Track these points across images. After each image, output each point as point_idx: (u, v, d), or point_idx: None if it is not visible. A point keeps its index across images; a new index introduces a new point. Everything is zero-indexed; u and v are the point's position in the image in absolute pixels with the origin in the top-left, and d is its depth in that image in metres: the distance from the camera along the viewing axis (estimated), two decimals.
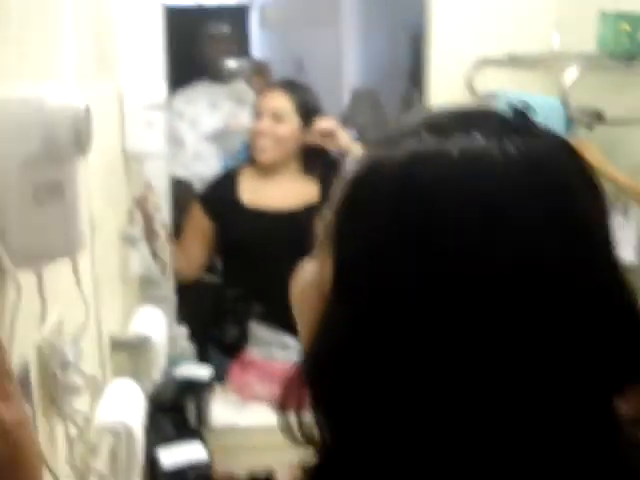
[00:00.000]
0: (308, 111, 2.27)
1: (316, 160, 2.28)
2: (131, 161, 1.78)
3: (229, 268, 2.36)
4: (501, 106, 2.07)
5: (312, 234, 2.23)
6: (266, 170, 2.28)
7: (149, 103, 1.71)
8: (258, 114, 2.27)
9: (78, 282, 0.94)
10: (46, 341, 0.96)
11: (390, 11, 5.39)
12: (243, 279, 2.27)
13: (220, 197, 2.31)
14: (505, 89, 2.82)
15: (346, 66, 6.62)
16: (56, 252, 0.87)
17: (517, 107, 0.64)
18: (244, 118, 2.76)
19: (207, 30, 2.88)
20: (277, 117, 2.23)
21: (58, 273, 1.01)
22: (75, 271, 0.92)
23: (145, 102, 1.71)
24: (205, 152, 2.78)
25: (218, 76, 2.81)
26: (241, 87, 2.84)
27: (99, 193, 1.47)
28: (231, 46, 2.81)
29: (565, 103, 2.31)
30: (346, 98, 5.92)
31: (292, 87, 2.30)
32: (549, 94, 2.73)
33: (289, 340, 2.02)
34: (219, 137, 2.76)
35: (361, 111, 5.28)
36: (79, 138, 0.81)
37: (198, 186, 2.70)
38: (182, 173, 2.73)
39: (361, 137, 2.85)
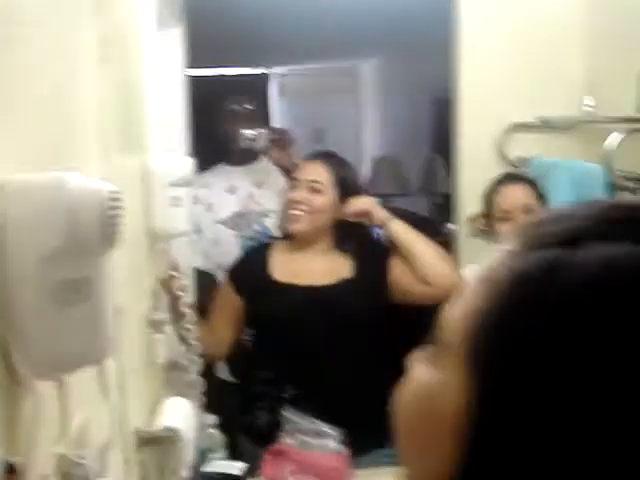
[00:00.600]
0: (346, 186, 2.20)
1: (349, 235, 2.19)
2: (156, 241, 1.68)
3: (259, 347, 2.24)
4: (534, 172, 1.96)
5: (344, 310, 2.04)
6: (298, 244, 2.20)
7: (175, 179, 1.62)
8: (294, 184, 2.19)
9: (105, 391, 0.83)
10: (66, 457, 0.84)
11: (410, 77, 5.36)
12: (274, 359, 2.15)
13: (250, 273, 2.22)
14: (537, 154, 2.74)
15: (366, 134, 6.60)
16: (80, 361, 0.76)
17: None
18: (263, 199, 2.69)
19: (227, 106, 2.80)
20: (314, 189, 2.15)
21: (81, 373, 0.91)
22: (101, 380, 0.81)
23: (171, 178, 1.61)
24: (223, 238, 2.68)
25: (237, 157, 2.72)
26: (261, 167, 2.75)
27: (123, 276, 1.37)
28: (251, 120, 2.71)
29: (608, 168, 2.22)
30: (366, 166, 5.88)
31: (332, 160, 2.23)
32: (583, 158, 2.65)
33: (326, 428, 1.89)
34: (236, 221, 2.68)
35: (383, 179, 5.22)
36: (106, 229, 0.71)
37: (219, 275, 2.62)
38: (202, 262, 2.63)
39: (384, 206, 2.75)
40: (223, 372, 2.74)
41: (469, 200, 2.86)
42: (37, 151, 0.89)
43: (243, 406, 2.20)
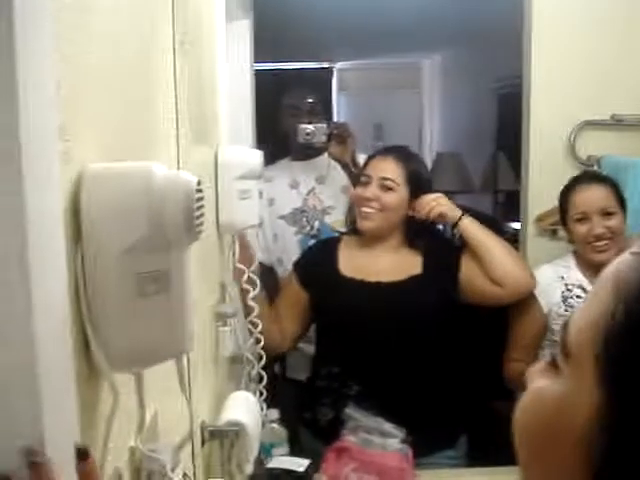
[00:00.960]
0: (417, 182, 2.14)
1: (419, 231, 2.15)
2: (226, 233, 1.67)
3: (324, 343, 2.22)
4: (606, 171, 1.89)
5: (412, 308, 1.99)
6: (367, 240, 2.16)
7: (245, 172, 1.61)
8: (365, 180, 2.14)
9: (182, 385, 0.81)
10: (141, 449, 0.83)
11: (474, 72, 5.28)
12: (339, 355, 2.13)
13: (317, 266, 2.20)
14: (609, 153, 2.67)
15: (427, 130, 6.53)
16: (160, 354, 0.74)
17: None
18: (325, 195, 2.67)
19: (288, 100, 2.78)
20: (386, 186, 2.10)
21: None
22: (180, 376, 0.80)
23: (241, 171, 1.60)
24: (283, 233, 2.67)
25: (299, 152, 2.71)
26: (322, 162, 2.72)
27: (194, 269, 1.36)
28: (312, 115, 2.68)
29: None
30: (429, 162, 5.81)
31: (405, 156, 2.17)
32: None
33: (389, 427, 1.86)
34: (296, 218, 2.66)
35: (445, 175, 5.15)
36: (191, 221, 0.69)
37: (279, 270, 2.62)
38: (262, 256, 2.63)
39: None
40: (287, 368, 2.74)
41: (537, 199, 2.80)
42: (116, 138, 0.88)
43: (306, 401, 2.19)
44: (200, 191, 0.72)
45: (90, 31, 0.80)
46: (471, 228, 2.11)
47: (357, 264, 2.15)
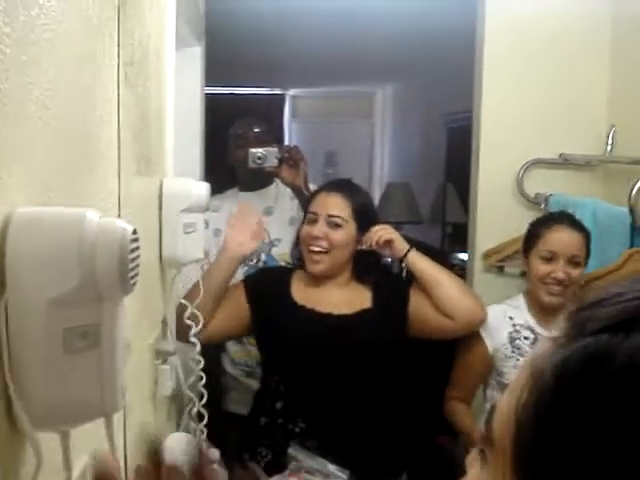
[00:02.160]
0: (364, 215, 2.13)
1: (368, 266, 2.14)
2: (169, 268, 1.62)
3: (268, 376, 2.17)
4: (553, 209, 1.89)
5: (363, 340, 1.98)
6: (317, 276, 2.13)
7: (190, 204, 1.56)
8: (312, 218, 2.11)
9: (112, 444, 0.76)
10: None
11: (426, 105, 5.33)
12: (284, 388, 2.09)
13: (270, 289, 2.16)
14: (556, 191, 2.69)
15: (378, 159, 6.57)
16: (89, 413, 0.69)
17: None
18: (272, 227, 2.63)
19: (236, 129, 2.73)
20: (334, 223, 2.08)
21: None
22: (110, 435, 0.75)
23: (186, 204, 1.56)
24: None
25: (248, 182, 2.67)
26: (271, 193, 2.69)
27: (134, 306, 1.31)
28: (261, 143, 2.63)
29: (633, 211, 2.16)
30: (378, 191, 5.82)
31: (350, 191, 2.15)
32: (604, 198, 2.60)
33: (332, 468, 1.82)
34: None
35: (394, 206, 5.17)
36: (125, 273, 0.65)
37: None
38: None
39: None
40: (229, 404, 2.68)
41: (484, 234, 2.81)
42: (52, 175, 0.83)
43: (246, 440, 2.12)
44: (136, 240, 0.68)
45: (26, 62, 0.76)
46: (418, 261, 2.11)
47: (308, 294, 2.13)
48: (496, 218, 2.80)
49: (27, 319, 0.64)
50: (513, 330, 2.21)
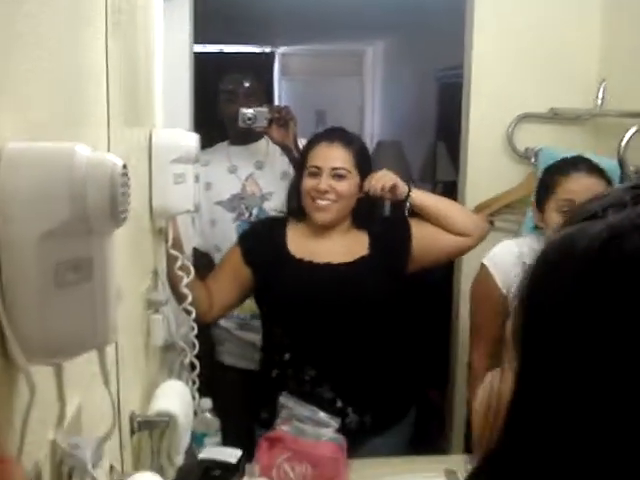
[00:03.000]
0: (366, 164, 2.15)
1: (365, 212, 2.15)
2: (159, 219, 1.63)
3: (272, 330, 2.19)
4: (542, 163, 1.90)
5: (362, 289, 2.01)
6: (315, 226, 2.14)
7: (180, 155, 1.57)
8: (314, 172, 2.10)
9: (105, 376, 0.78)
10: (61, 447, 0.79)
11: (417, 62, 5.29)
12: (290, 341, 2.11)
13: (266, 245, 2.16)
14: (546, 145, 2.69)
15: (368, 118, 6.54)
16: (81, 345, 0.70)
17: None
18: (264, 181, 2.63)
19: (226, 85, 2.71)
20: (338, 174, 2.08)
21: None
22: (102, 367, 0.76)
23: (176, 154, 1.56)
24: (220, 219, 2.62)
25: (238, 137, 2.66)
26: (261, 147, 2.68)
27: (125, 255, 1.32)
28: (251, 100, 2.62)
29: (622, 164, 2.17)
30: (369, 150, 5.80)
31: (349, 140, 2.14)
32: (594, 151, 2.60)
33: (323, 416, 1.85)
34: (235, 204, 2.62)
35: (385, 164, 5.15)
36: (115, 206, 0.66)
37: (217, 257, 2.58)
38: (199, 242, 2.59)
39: None
40: (222, 356, 2.71)
41: (474, 189, 2.82)
42: (42, 117, 0.83)
43: (261, 396, 2.13)
44: (126, 175, 0.69)
45: (17, 8, 0.76)
46: (422, 198, 2.16)
47: (306, 246, 2.14)
48: (486, 173, 2.81)
49: (19, 252, 0.65)
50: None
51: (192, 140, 1.61)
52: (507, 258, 2.09)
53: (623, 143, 2.16)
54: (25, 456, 0.77)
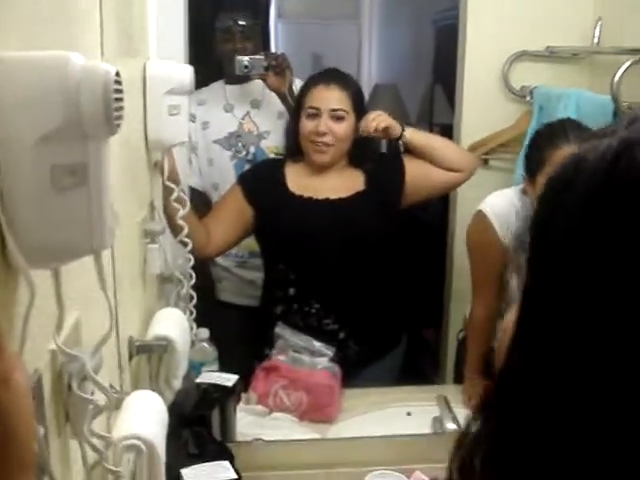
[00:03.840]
0: (361, 104, 2.22)
1: (361, 150, 2.21)
2: (154, 150, 1.64)
3: (273, 266, 2.25)
4: (538, 101, 1.90)
5: (360, 222, 2.06)
6: (313, 164, 2.19)
7: (174, 86, 1.57)
8: (313, 113, 2.15)
9: (102, 283, 0.80)
10: (62, 349, 0.82)
11: (413, 4, 5.24)
12: (292, 276, 2.18)
13: (266, 183, 2.22)
14: (544, 84, 2.69)
15: (365, 61, 6.48)
16: (78, 249, 0.73)
17: None
18: (260, 120, 2.63)
19: (222, 23, 2.69)
20: (337, 116, 2.13)
21: (77, 270, 0.88)
22: (99, 271, 0.79)
23: (170, 85, 1.57)
24: (218, 158, 2.63)
25: (234, 75, 2.65)
26: (258, 87, 2.67)
27: (121, 185, 1.34)
28: (247, 39, 2.61)
29: (616, 99, 2.17)
30: (366, 93, 5.77)
31: (345, 81, 2.21)
32: (589, 89, 2.60)
33: (318, 345, 1.89)
34: (232, 142, 2.62)
35: (382, 107, 5.13)
36: (109, 111, 0.67)
37: (214, 196, 2.59)
38: (196, 181, 2.60)
39: None
40: (222, 293, 2.74)
41: (470, 130, 2.82)
42: (37, 39, 0.85)
43: (265, 334, 2.16)
44: (119, 82, 0.70)
45: None
46: (416, 136, 2.21)
47: (304, 183, 2.20)
48: (482, 113, 2.81)
49: (16, 157, 0.67)
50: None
51: (186, 71, 1.62)
52: (509, 209, 2.07)
53: (616, 79, 2.16)
54: (25, 361, 0.80)
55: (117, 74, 0.69)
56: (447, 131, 3.90)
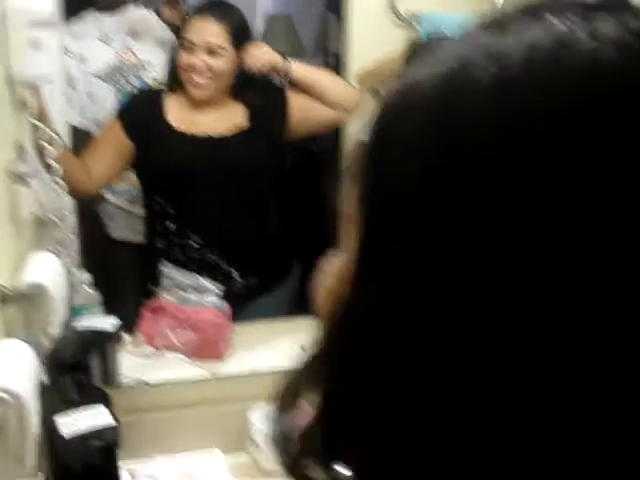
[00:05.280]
0: (243, 37, 2.12)
1: (244, 84, 2.14)
2: (17, 88, 1.55)
3: (155, 201, 2.17)
4: (425, 29, 1.89)
5: (243, 160, 2.02)
6: (195, 100, 2.12)
7: (36, 18, 1.48)
8: (188, 46, 2.06)
9: None
10: None
11: None
12: (174, 211, 2.12)
13: (146, 117, 2.14)
14: (431, 11, 2.67)
15: None
16: None
17: None
18: (141, 50, 2.51)
19: None
20: (213, 51, 2.05)
21: None
22: None
23: (31, 17, 1.48)
24: (99, 92, 2.51)
25: (106, 2, 2.51)
26: (135, 15, 2.55)
27: None
28: None
29: None
30: (260, 24, 5.65)
31: (225, 13, 2.10)
32: (474, 14, 2.59)
33: (204, 283, 1.87)
34: (112, 75, 2.51)
35: (276, 39, 5.03)
36: None
37: (96, 132, 2.48)
38: (77, 119, 2.49)
39: None
40: (115, 231, 2.66)
41: (359, 57, 2.79)
42: None
43: (149, 269, 2.10)
44: None
45: None
46: (303, 72, 2.19)
47: (185, 118, 2.12)
48: (371, 42, 2.78)
49: None
50: None
51: (47, 2, 1.53)
52: None
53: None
54: None
55: None
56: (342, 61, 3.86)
